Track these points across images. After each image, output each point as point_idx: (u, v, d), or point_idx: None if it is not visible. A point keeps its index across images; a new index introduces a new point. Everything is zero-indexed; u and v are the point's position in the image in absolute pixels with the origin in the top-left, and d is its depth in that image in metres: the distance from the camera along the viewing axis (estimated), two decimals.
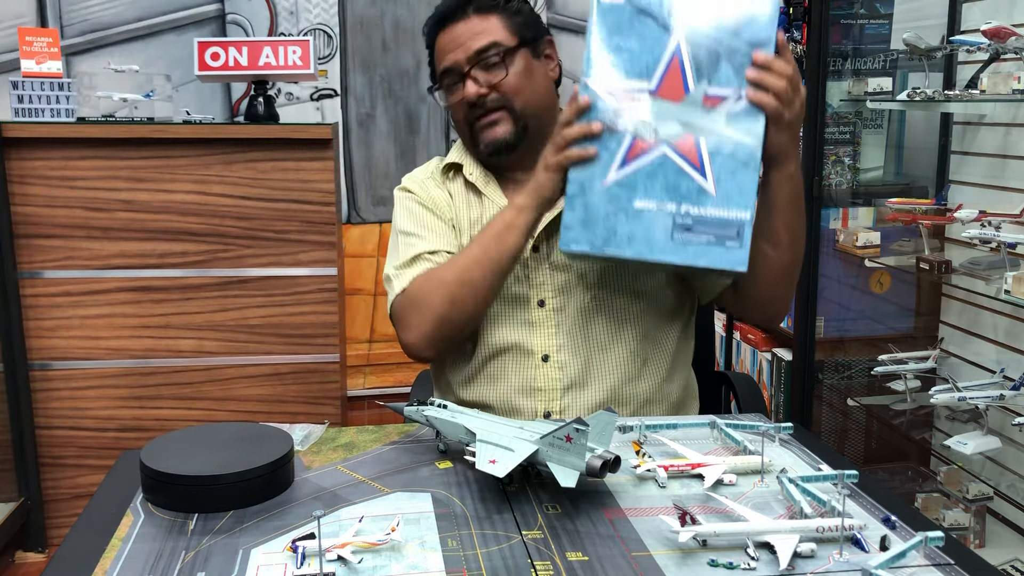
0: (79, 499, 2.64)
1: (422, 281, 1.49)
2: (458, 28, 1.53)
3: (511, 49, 1.52)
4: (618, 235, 1.32)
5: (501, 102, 1.52)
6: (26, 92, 2.53)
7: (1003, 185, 2.27)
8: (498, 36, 1.52)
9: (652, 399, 1.55)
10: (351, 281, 3.62)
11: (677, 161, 1.30)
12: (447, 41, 1.54)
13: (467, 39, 1.52)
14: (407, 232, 1.58)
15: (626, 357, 1.52)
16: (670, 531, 1.01)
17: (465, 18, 1.53)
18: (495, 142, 1.53)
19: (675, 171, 1.30)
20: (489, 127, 1.53)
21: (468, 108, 1.53)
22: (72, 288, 2.57)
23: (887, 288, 2.58)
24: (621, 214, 1.32)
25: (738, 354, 3.10)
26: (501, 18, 1.53)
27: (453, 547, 1.01)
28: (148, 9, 3.49)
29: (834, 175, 2.55)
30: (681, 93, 1.30)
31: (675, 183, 1.30)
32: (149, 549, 1.02)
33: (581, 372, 1.51)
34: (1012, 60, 2.11)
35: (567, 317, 1.52)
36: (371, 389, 3.71)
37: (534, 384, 1.51)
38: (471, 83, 1.52)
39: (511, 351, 1.52)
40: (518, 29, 1.53)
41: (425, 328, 1.47)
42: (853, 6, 2.54)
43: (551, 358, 1.51)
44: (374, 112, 3.71)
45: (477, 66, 1.51)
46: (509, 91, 1.51)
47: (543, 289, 1.52)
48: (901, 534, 1.05)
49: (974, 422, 2.15)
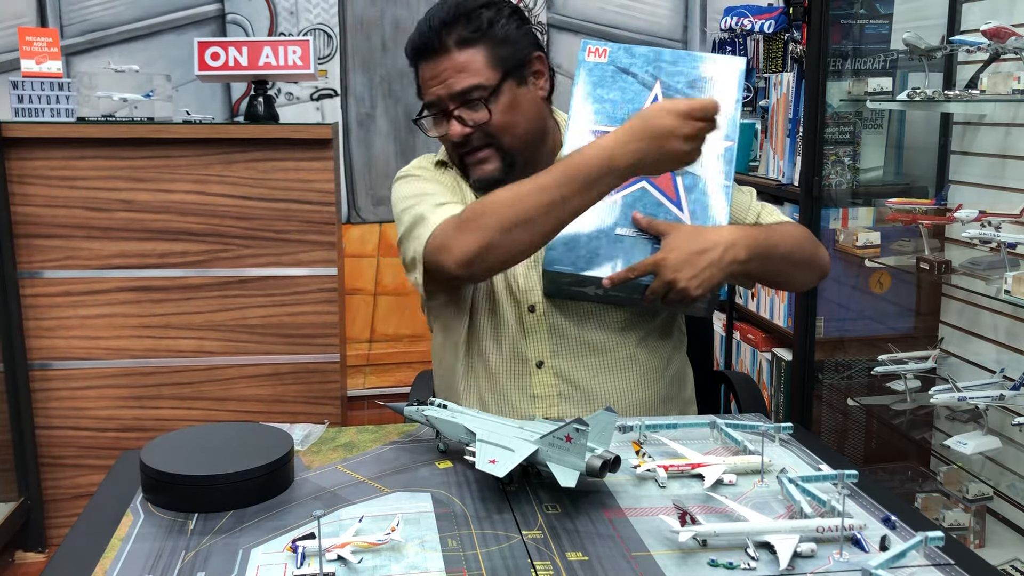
0: (79, 499, 2.64)
1: (478, 204, 1.37)
2: (441, 63, 1.47)
3: (495, 88, 1.46)
4: (600, 258, 1.40)
5: (487, 140, 1.49)
6: (26, 92, 2.53)
7: (1003, 185, 2.27)
8: (480, 76, 1.46)
9: (654, 402, 1.55)
10: (351, 281, 3.62)
11: (655, 194, 1.43)
12: (428, 76, 1.49)
13: (449, 76, 1.46)
14: (425, 193, 1.50)
15: (624, 362, 1.52)
16: (670, 531, 1.01)
17: (446, 53, 1.47)
18: (484, 179, 1.51)
19: (654, 203, 1.43)
20: (477, 164, 1.51)
21: (454, 145, 1.51)
22: (72, 288, 2.57)
23: (887, 288, 2.59)
24: (603, 239, 1.41)
25: (738, 354, 3.10)
26: (483, 50, 1.46)
27: (453, 547, 1.02)
28: (148, 9, 3.49)
29: (834, 175, 2.55)
30: None
31: (653, 214, 1.42)
32: (149, 549, 1.02)
33: (577, 378, 1.50)
34: (1012, 60, 2.10)
35: (559, 322, 1.50)
36: (371, 389, 3.71)
37: (531, 391, 1.50)
38: (455, 123, 1.48)
39: (507, 358, 1.51)
40: (501, 62, 1.47)
41: (469, 248, 1.32)
42: (853, 6, 2.54)
43: (545, 364, 1.50)
44: (374, 112, 3.71)
45: (461, 105, 1.47)
46: (494, 131, 1.48)
47: (533, 294, 1.51)
48: (901, 534, 1.05)
49: (974, 422, 2.15)
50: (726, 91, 1.45)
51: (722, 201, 1.43)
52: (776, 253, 1.43)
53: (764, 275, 1.48)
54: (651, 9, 3.83)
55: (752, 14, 3.00)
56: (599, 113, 1.45)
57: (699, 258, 1.34)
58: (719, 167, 1.43)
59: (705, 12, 3.84)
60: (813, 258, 1.51)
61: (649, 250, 1.39)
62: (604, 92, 1.46)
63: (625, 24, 3.81)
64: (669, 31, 3.85)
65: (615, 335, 1.51)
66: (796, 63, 2.75)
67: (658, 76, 1.46)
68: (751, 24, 2.97)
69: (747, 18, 3.01)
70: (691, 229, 1.38)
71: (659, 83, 1.45)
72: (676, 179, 1.42)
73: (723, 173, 1.44)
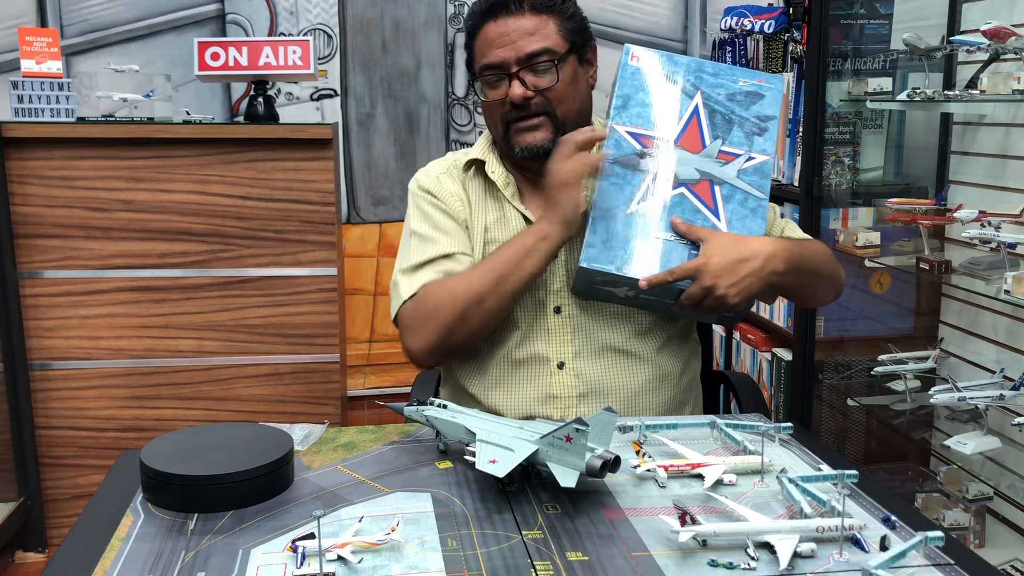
0: (79, 499, 2.64)
1: (434, 290, 1.47)
2: (511, 23, 1.47)
3: (562, 56, 1.48)
4: (637, 259, 1.41)
5: (544, 108, 1.49)
6: (26, 92, 2.53)
7: (1003, 185, 2.26)
8: (551, 41, 1.48)
9: (668, 408, 1.55)
10: (351, 281, 3.62)
11: (694, 201, 1.43)
12: (496, 35, 1.48)
13: (519, 38, 1.47)
14: (420, 234, 1.55)
15: (644, 365, 1.52)
16: (670, 531, 1.01)
17: (520, 13, 1.47)
18: (533, 147, 1.50)
19: (692, 209, 1.43)
20: (528, 131, 1.50)
21: (509, 108, 1.49)
22: (72, 288, 2.57)
23: (887, 288, 2.58)
24: (641, 240, 1.41)
25: (738, 354, 3.10)
26: (555, 20, 1.49)
27: (453, 547, 1.02)
28: (148, 9, 3.49)
29: (834, 175, 2.55)
30: (699, 146, 1.45)
31: (691, 220, 1.42)
32: (149, 549, 1.02)
33: (598, 380, 1.50)
34: (1012, 60, 2.10)
35: (583, 324, 1.51)
36: (371, 389, 3.71)
37: (550, 391, 1.50)
38: (517, 85, 1.47)
39: (527, 358, 1.51)
40: (570, 34, 1.50)
41: (431, 339, 1.45)
42: (853, 6, 2.54)
43: (567, 365, 1.50)
44: (374, 112, 3.71)
45: (526, 68, 1.47)
46: (555, 98, 1.49)
47: (560, 296, 1.51)
48: (901, 534, 1.05)
49: (974, 422, 2.15)
50: (764, 105, 1.46)
51: (758, 213, 1.44)
52: (809, 267, 1.47)
53: (794, 288, 1.50)
54: (651, 9, 3.83)
55: (752, 14, 2.99)
56: (641, 117, 1.45)
57: (740, 266, 1.35)
58: (755, 180, 1.44)
59: (705, 12, 3.84)
60: (836, 275, 1.56)
61: (687, 255, 1.40)
62: (645, 97, 1.46)
63: (625, 24, 3.81)
64: (669, 31, 3.85)
65: (637, 339, 1.52)
66: (796, 63, 2.74)
67: (700, 86, 1.46)
68: (751, 24, 2.97)
69: (747, 18, 3.01)
70: (732, 237, 1.39)
71: (700, 93, 1.46)
72: (714, 188, 1.43)
73: (759, 187, 1.44)
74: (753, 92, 1.47)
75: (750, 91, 1.47)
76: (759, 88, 1.47)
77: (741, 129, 1.46)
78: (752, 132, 1.46)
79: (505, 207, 1.56)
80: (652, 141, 1.44)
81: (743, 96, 1.47)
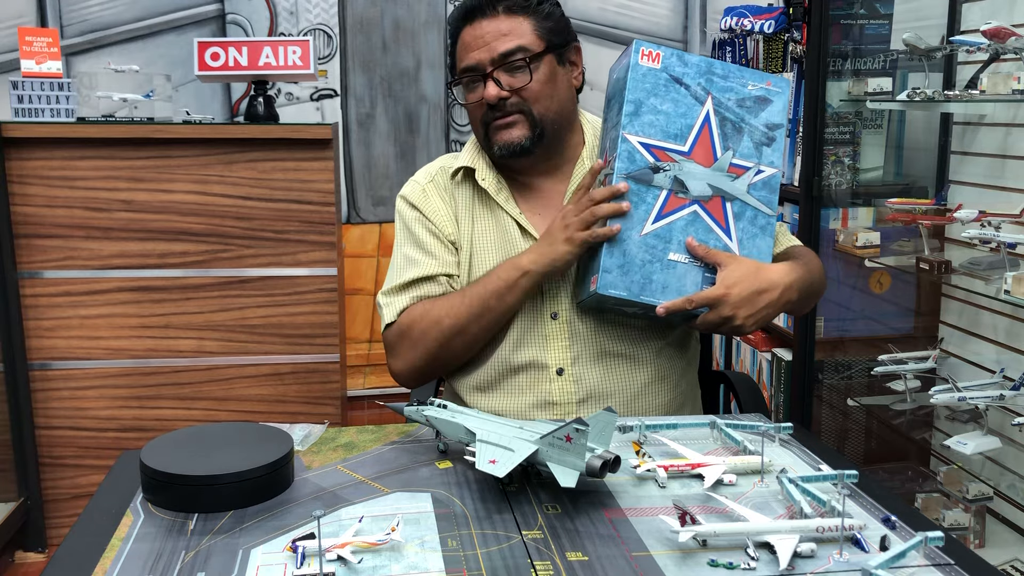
0: (79, 499, 2.64)
1: (418, 316, 1.50)
2: (485, 25, 1.49)
3: (537, 55, 1.48)
4: (653, 284, 1.40)
5: (520, 106, 1.49)
6: (26, 92, 2.53)
7: (1003, 185, 2.26)
8: (525, 40, 1.48)
9: (667, 410, 1.55)
10: (351, 281, 3.62)
11: (706, 220, 1.42)
12: (472, 38, 1.50)
13: (493, 39, 1.48)
14: (404, 254, 1.58)
15: (643, 368, 1.52)
16: (670, 531, 1.01)
17: (494, 15, 1.49)
18: (509, 145, 1.50)
19: (705, 228, 1.42)
20: (505, 129, 1.50)
21: (486, 109, 1.51)
22: (72, 288, 2.57)
23: (887, 288, 2.58)
24: (656, 264, 1.40)
25: (738, 354, 3.10)
26: (530, 21, 1.50)
27: (453, 547, 1.02)
28: (148, 9, 3.49)
29: (834, 175, 2.54)
30: (711, 159, 1.42)
31: (704, 240, 1.41)
32: (149, 549, 1.02)
33: (597, 384, 1.50)
34: (1012, 60, 2.10)
35: (581, 329, 1.50)
36: (371, 389, 3.71)
37: (549, 398, 1.50)
38: (492, 85, 1.48)
39: (524, 364, 1.51)
40: (546, 34, 1.50)
41: (415, 363, 1.52)
42: (853, 6, 2.54)
43: (566, 371, 1.50)
44: (374, 112, 3.71)
45: (501, 68, 1.48)
46: (530, 97, 1.49)
47: (556, 301, 1.51)
48: (901, 534, 1.05)
49: (974, 422, 2.15)
50: (772, 112, 1.44)
51: (767, 231, 1.43)
52: (812, 289, 1.50)
53: (795, 309, 1.52)
54: (651, 9, 3.83)
55: (752, 14, 2.99)
56: (654, 126, 1.41)
57: (759, 297, 1.37)
58: (764, 195, 1.43)
59: (705, 12, 3.84)
60: (823, 284, 1.58)
61: (701, 278, 1.40)
62: (657, 103, 1.41)
63: (625, 24, 3.81)
64: (669, 31, 3.85)
65: (635, 344, 1.52)
66: (796, 63, 2.74)
67: (710, 90, 1.43)
68: (751, 24, 2.97)
69: (747, 18, 3.01)
70: (750, 265, 1.39)
71: (711, 98, 1.43)
72: (726, 205, 1.42)
73: (768, 202, 1.43)
74: (762, 97, 1.44)
75: (759, 96, 1.44)
76: (767, 92, 1.44)
77: (751, 139, 1.43)
78: (761, 143, 1.43)
79: (497, 212, 1.55)
80: (666, 154, 1.41)
81: (752, 102, 1.43)
